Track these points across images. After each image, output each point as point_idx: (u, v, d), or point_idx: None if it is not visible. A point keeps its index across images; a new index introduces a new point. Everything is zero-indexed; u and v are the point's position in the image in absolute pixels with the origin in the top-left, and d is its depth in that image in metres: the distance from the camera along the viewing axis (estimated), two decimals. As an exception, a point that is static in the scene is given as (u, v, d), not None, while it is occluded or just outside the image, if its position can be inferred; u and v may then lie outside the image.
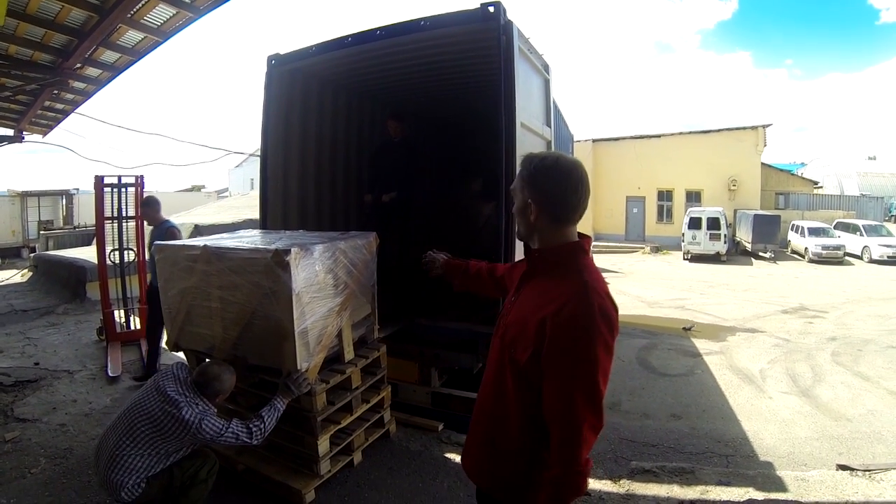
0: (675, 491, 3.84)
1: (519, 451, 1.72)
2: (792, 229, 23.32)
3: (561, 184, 1.67)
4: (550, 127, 5.42)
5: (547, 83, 5.34)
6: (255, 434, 3.02)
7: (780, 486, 4.01)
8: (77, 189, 28.14)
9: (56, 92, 8.55)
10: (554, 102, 5.73)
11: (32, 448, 4.30)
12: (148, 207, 6.00)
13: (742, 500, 3.71)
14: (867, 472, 4.10)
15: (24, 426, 4.68)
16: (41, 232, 21.85)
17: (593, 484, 3.88)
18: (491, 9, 4.00)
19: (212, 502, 3.37)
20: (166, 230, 5.72)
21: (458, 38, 4.57)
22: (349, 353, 3.79)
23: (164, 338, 5.95)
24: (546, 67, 5.26)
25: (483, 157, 4.96)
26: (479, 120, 5.92)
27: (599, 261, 18.84)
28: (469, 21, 4.16)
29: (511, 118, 4.02)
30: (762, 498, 3.74)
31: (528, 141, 4.51)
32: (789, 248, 23.25)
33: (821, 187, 33.51)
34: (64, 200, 27.09)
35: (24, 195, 24.85)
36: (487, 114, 4.45)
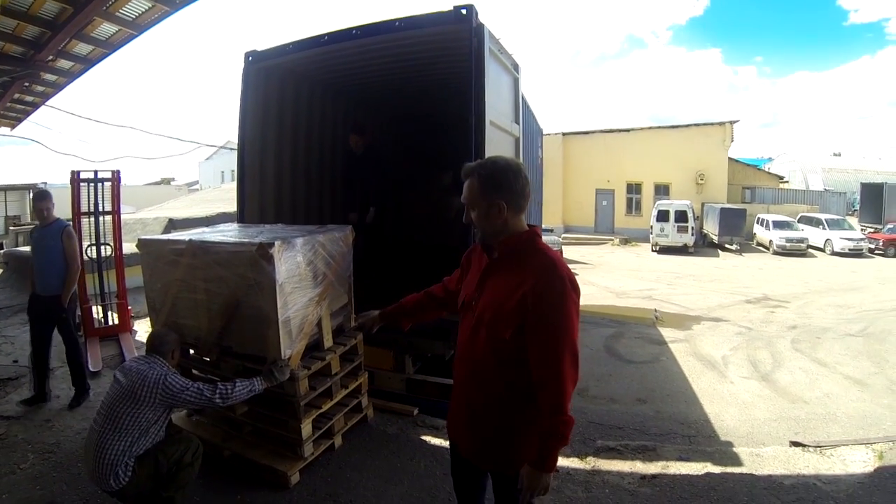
0: (638, 466, 4.08)
1: (501, 417, 1.97)
2: (757, 222, 23.93)
3: (518, 179, 1.97)
4: (519, 124, 5.57)
5: (516, 82, 5.49)
6: (219, 392, 3.13)
7: (736, 461, 4.28)
8: (45, 183, 27.51)
9: (27, 84, 8.44)
10: (523, 99, 5.89)
11: (19, 444, 4.32)
12: (45, 201, 5.11)
13: (700, 473, 3.96)
14: (818, 449, 4.39)
15: (9, 423, 4.68)
16: (10, 228, 21.36)
17: (561, 461, 4.06)
18: (464, 11, 4.15)
19: (200, 489, 3.51)
20: (62, 230, 5.04)
21: (432, 38, 4.74)
22: (328, 341, 3.94)
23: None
24: (516, 67, 5.41)
25: (454, 152, 5.11)
26: (451, 116, 6.07)
27: (569, 252, 19.19)
28: (442, 23, 4.32)
29: (480, 117, 4.20)
30: (719, 471, 3.99)
31: (497, 138, 4.67)
32: (755, 241, 23.89)
33: (786, 182, 34.35)
34: (31, 195, 26.49)
35: (-10, 190, 24.27)
36: (459, 111, 4.60)
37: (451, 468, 2.29)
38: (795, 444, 4.55)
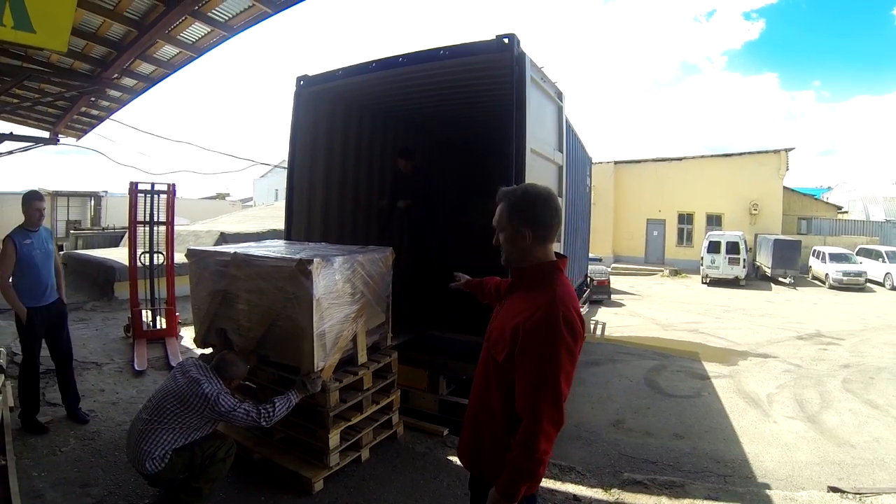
0: (664, 502, 4.00)
1: (497, 438, 1.99)
2: (813, 255, 23.11)
3: (546, 209, 1.99)
4: (562, 152, 5.61)
5: (560, 110, 5.54)
6: (263, 416, 3.32)
7: (767, 504, 4.11)
8: (106, 192, 28.87)
9: (93, 99, 8.94)
10: (569, 127, 5.93)
11: (63, 429, 4.62)
12: (43, 202, 4.72)
13: (728, 515, 3.86)
14: (858, 496, 4.17)
15: (56, 410, 4.97)
16: (71, 231, 22.44)
17: (584, 491, 4.06)
18: (506, 40, 4.26)
19: (228, 487, 3.67)
20: (50, 232, 4.86)
21: (475, 66, 4.86)
22: (362, 357, 4.07)
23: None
24: (559, 95, 5.47)
25: (497, 179, 5.20)
26: (494, 143, 6.15)
27: (617, 282, 18.90)
28: (485, 51, 4.44)
29: (521, 145, 4.28)
30: (748, 514, 3.88)
31: (538, 166, 4.73)
32: (810, 274, 23.06)
33: (845, 212, 33.06)
34: (92, 202, 27.77)
35: (55, 195, 25.40)
36: (501, 138, 4.69)
37: (469, 483, 2.33)
38: (834, 489, 4.35)
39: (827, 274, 21.16)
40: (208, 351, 4.44)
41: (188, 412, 3.17)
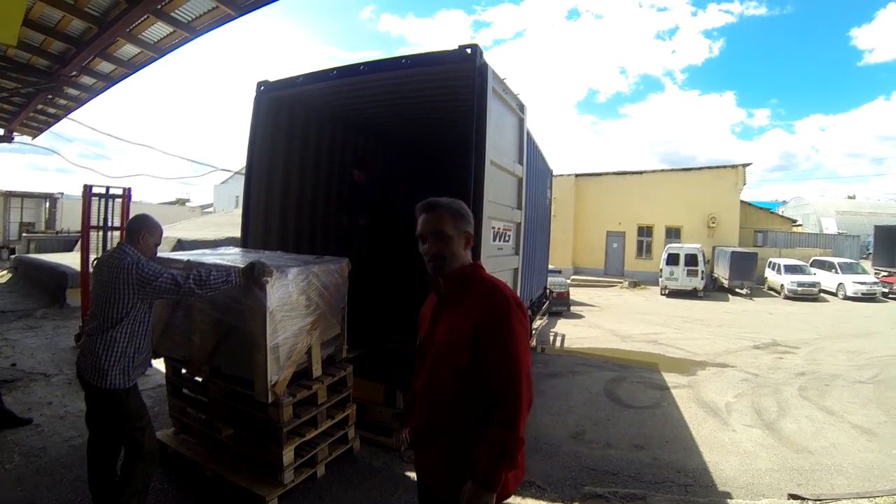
0: (624, 515, 3.97)
1: (470, 446, 1.95)
2: (769, 266, 23.71)
3: (471, 215, 2.16)
4: (523, 164, 5.61)
5: (521, 122, 5.54)
6: (192, 277, 3.15)
7: (727, 513, 4.10)
8: (62, 193, 28.01)
9: (50, 97, 8.71)
10: (530, 140, 5.92)
11: (7, 445, 4.42)
12: None
13: (688, 525, 3.85)
14: (818, 501, 4.19)
15: (-1, 423, 4.73)
16: (24, 234, 21.66)
17: (545, 506, 4.02)
18: (468, 51, 4.23)
19: (176, 505, 3.52)
20: None
21: (437, 76, 4.82)
22: (317, 370, 3.96)
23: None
24: (521, 107, 5.47)
25: (458, 190, 5.18)
26: (455, 154, 6.14)
27: (577, 294, 19.02)
28: (447, 61, 4.40)
29: (481, 156, 4.25)
30: (707, 524, 3.88)
31: (497, 177, 4.71)
32: (766, 285, 23.65)
33: (800, 225, 34.15)
34: (47, 204, 26.88)
35: (8, 195, 24.50)
36: (462, 148, 4.66)
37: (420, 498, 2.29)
38: (793, 496, 4.35)
39: (782, 285, 21.73)
40: (160, 361, 4.29)
41: (118, 297, 3.00)
